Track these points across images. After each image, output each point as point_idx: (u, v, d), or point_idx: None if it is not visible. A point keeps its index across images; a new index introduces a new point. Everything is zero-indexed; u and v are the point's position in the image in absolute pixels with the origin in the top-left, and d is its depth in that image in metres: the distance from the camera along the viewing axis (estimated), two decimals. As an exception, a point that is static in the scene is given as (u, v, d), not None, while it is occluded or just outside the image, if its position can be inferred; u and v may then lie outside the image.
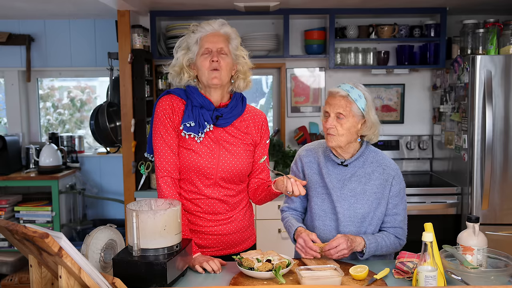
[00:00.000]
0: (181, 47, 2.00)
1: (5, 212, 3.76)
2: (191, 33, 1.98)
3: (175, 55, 2.01)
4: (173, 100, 1.99)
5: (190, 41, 1.98)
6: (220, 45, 1.94)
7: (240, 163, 1.99)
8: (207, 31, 1.95)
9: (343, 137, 1.95)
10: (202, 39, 1.95)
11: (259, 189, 2.07)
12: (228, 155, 1.98)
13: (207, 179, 1.97)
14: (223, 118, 1.97)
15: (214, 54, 1.92)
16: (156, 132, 1.98)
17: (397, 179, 2.02)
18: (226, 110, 1.98)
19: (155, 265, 1.60)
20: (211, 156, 1.96)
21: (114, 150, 4.10)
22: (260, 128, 2.08)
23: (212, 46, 1.93)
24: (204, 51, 1.93)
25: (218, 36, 1.95)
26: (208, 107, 1.96)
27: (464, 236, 1.78)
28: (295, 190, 1.84)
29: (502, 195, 3.27)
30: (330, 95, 1.98)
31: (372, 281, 1.72)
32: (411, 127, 4.12)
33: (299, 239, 1.91)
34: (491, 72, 3.20)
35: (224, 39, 1.96)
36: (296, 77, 4.10)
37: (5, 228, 1.41)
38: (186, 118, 1.94)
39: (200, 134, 1.95)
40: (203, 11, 3.75)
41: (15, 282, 3.73)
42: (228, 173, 1.98)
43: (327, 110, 1.97)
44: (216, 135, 1.98)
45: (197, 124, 1.94)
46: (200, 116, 1.94)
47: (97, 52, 4.19)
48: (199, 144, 1.96)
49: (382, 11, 3.77)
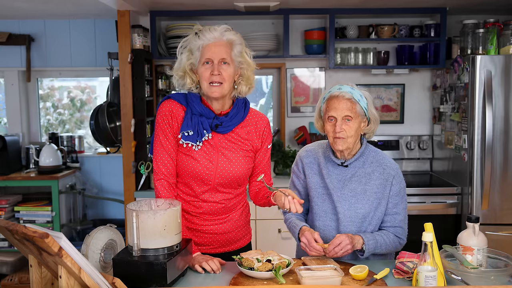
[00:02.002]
0: (185, 48, 1.96)
1: (5, 212, 3.76)
2: (195, 37, 1.92)
3: (179, 56, 1.98)
4: (173, 106, 1.97)
5: (193, 47, 1.93)
6: (222, 56, 1.89)
7: (238, 169, 1.98)
8: (209, 40, 1.89)
9: (351, 139, 1.95)
10: (204, 48, 1.90)
11: (259, 194, 2.07)
12: (226, 161, 1.97)
13: (205, 184, 1.98)
14: (223, 126, 1.95)
15: (215, 67, 1.88)
16: (156, 137, 1.99)
17: (397, 178, 2.02)
18: (226, 119, 1.96)
19: (155, 265, 1.60)
20: (209, 162, 1.95)
21: (114, 150, 4.10)
22: (261, 134, 2.05)
23: (214, 56, 1.88)
24: (205, 60, 1.90)
25: (220, 45, 1.89)
26: (208, 116, 1.94)
27: (464, 236, 1.78)
28: (292, 208, 1.80)
29: (502, 195, 3.27)
30: (334, 99, 1.95)
31: (372, 281, 1.72)
32: (411, 127, 4.12)
33: (303, 238, 1.92)
34: (491, 72, 3.20)
35: (226, 47, 1.90)
36: (296, 77, 4.10)
37: (5, 228, 1.41)
38: (184, 127, 1.93)
39: (198, 143, 1.94)
40: (203, 11, 3.75)
41: (15, 282, 3.73)
42: (226, 179, 1.97)
43: (332, 115, 1.94)
44: (215, 142, 1.97)
45: (196, 133, 1.92)
46: (200, 125, 1.93)
47: (97, 52, 4.19)
48: (197, 151, 1.95)
49: (382, 11, 3.77)
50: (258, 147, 2.05)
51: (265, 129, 2.06)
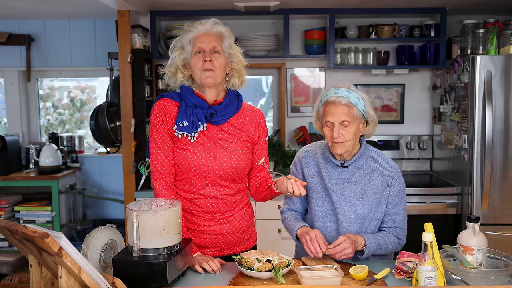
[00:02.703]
0: (176, 47, 2.01)
1: (5, 212, 3.76)
2: (185, 33, 1.99)
3: (171, 55, 2.02)
4: (166, 103, 2.00)
5: (184, 41, 1.98)
6: (212, 44, 1.94)
7: (237, 160, 1.99)
8: (200, 31, 1.95)
9: (350, 142, 1.94)
10: (195, 39, 1.95)
11: (260, 188, 2.08)
12: (224, 152, 1.97)
13: (204, 177, 1.97)
14: (218, 116, 1.97)
15: (207, 54, 1.93)
16: (151, 137, 2.01)
17: (396, 179, 2.02)
18: (220, 107, 1.98)
19: (155, 265, 1.60)
20: (207, 154, 1.96)
21: (114, 150, 4.10)
22: (257, 125, 2.07)
23: (205, 45, 1.94)
24: (197, 50, 1.94)
25: (210, 35, 1.95)
26: (202, 106, 1.97)
27: (464, 236, 1.78)
28: (296, 191, 1.84)
29: (502, 195, 3.27)
30: (330, 104, 1.93)
31: (372, 281, 1.72)
32: (411, 127, 4.12)
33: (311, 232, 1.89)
34: (491, 72, 3.20)
35: (217, 38, 1.96)
36: (296, 77, 4.10)
37: (5, 228, 1.41)
38: (179, 118, 1.95)
39: (194, 134, 1.95)
40: (203, 11, 3.74)
41: (15, 282, 3.73)
42: (225, 170, 1.97)
43: (330, 120, 1.94)
44: (212, 133, 1.98)
45: (191, 124, 1.94)
46: (194, 116, 1.95)
47: (97, 52, 4.19)
48: (193, 143, 1.96)
49: (382, 11, 3.77)
50: (256, 138, 2.06)
51: (261, 121, 2.09)
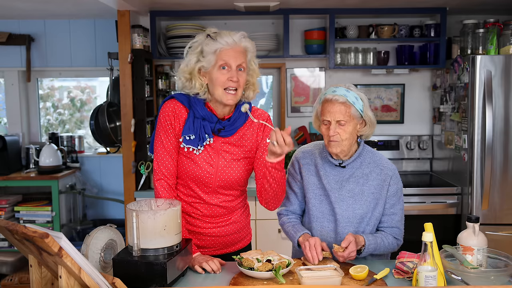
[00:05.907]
0: (194, 50, 1.89)
1: (5, 212, 3.76)
2: (210, 40, 1.86)
3: (186, 57, 1.91)
4: (176, 106, 1.95)
5: (207, 49, 1.85)
6: (240, 61, 1.86)
7: (239, 172, 1.97)
8: (228, 44, 1.84)
9: (346, 141, 1.94)
10: (221, 52, 1.83)
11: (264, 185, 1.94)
12: (227, 164, 1.95)
13: (205, 187, 1.97)
14: (225, 131, 1.94)
15: (234, 74, 1.84)
16: (157, 136, 1.97)
17: (394, 179, 2.02)
18: (228, 123, 1.94)
19: (155, 265, 1.60)
20: (210, 166, 1.94)
21: (114, 150, 4.10)
22: (262, 129, 2.01)
23: (232, 62, 1.84)
24: (222, 64, 1.84)
25: (238, 51, 1.85)
26: (210, 120, 1.92)
27: (464, 236, 1.78)
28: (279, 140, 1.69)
29: (502, 195, 3.27)
30: (328, 102, 1.93)
31: (372, 281, 1.72)
32: (411, 127, 4.12)
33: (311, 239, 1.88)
34: (491, 72, 3.20)
35: (243, 53, 1.88)
36: (296, 77, 4.10)
37: (5, 228, 1.41)
38: (186, 130, 1.91)
39: (199, 147, 1.92)
40: (203, 11, 3.74)
41: (15, 282, 3.73)
42: (227, 182, 1.96)
43: (327, 119, 1.93)
44: (217, 145, 1.95)
45: (197, 137, 1.90)
46: (202, 129, 1.91)
47: (97, 52, 4.19)
48: (198, 155, 1.94)
49: (382, 11, 3.77)
50: (259, 141, 2.00)
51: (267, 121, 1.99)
